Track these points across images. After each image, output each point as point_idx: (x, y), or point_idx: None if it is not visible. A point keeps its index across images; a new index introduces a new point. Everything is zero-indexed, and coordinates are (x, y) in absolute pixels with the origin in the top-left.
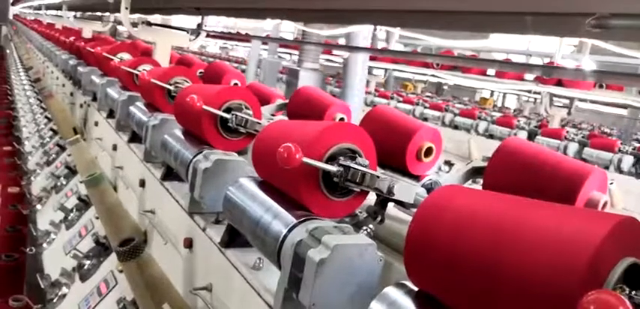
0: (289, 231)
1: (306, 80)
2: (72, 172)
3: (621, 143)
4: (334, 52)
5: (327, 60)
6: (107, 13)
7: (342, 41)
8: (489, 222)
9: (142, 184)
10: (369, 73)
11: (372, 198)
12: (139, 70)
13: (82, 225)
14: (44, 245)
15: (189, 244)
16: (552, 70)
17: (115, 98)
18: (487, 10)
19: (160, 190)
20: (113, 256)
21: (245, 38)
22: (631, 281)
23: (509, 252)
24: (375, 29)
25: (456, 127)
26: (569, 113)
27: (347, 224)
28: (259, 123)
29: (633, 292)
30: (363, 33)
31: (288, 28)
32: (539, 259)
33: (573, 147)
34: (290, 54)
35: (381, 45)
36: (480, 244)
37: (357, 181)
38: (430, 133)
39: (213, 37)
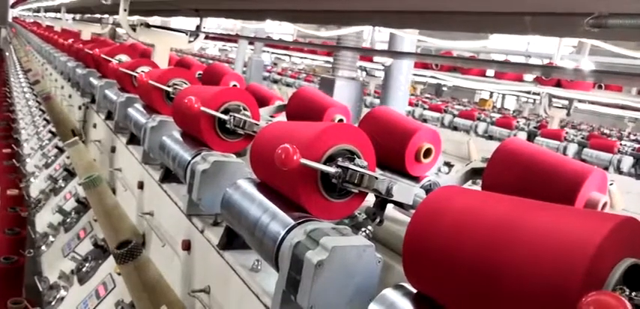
0: (287, 232)
1: (343, 91)
2: (71, 174)
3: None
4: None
5: (326, 62)
6: (106, 16)
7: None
8: (488, 223)
9: (141, 186)
10: (369, 74)
11: (371, 199)
12: (137, 72)
13: (81, 227)
14: (43, 248)
15: (187, 246)
16: (551, 70)
17: (114, 100)
18: (486, 10)
19: (158, 192)
20: (112, 259)
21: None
22: (631, 282)
23: (508, 253)
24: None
25: (455, 129)
26: (568, 114)
27: (345, 226)
28: (257, 124)
29: (633, 294)
30: (409, 37)
31: (288, 30)
32: (538, 259)
33: (573, 148)
34: (289, 56)
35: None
36: (478, 245)
37: (356, 182)
38: (429, 134)
39: (212, 38)
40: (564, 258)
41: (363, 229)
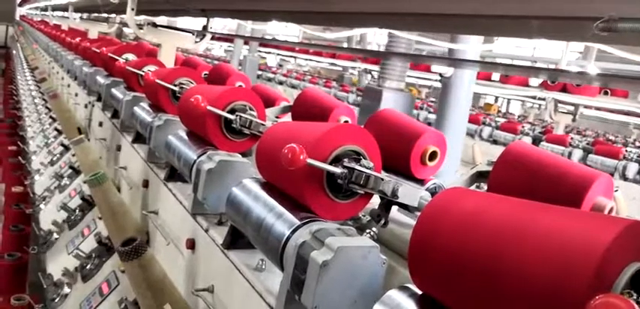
0: (292, 232)
1: (392, 103)
2: (76, 172)
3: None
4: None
5: (331, 64)
6: (113, 15)
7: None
8: (494, 224)
9: (146, 184)
10: (374, 77)
11: (375, 201)
12: (144, 71)
13: (85, 225)
14: (47, 245)
15: (191, 244)
16: (558, 73)
17: (120, 98)
18: (493, 13)
19: (163, 190)
20: (115, 257)
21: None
22: (638, 287)
23: (515, 255)
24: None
25: None
26: (573, 120)
27: (350, 227)
28: (263, 124)
29: None
30: (471, 44)
31: (293, 31)
32: (545, 262)
33: (578, 153)
34: (294, 57)
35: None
36: (484, 246)
37: (361, 183)
38: (435, 137)
39: (218, 39)
40: (572, 260)
41: (367, 231)
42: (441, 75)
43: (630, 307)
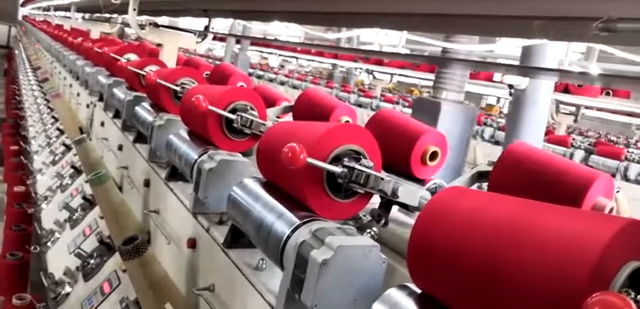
0: (292, 231)
1: (450, 118)
2: (77, 171)
3: None
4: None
5: (333, 65)
6: (115, 15)
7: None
8: (493, 223)
9: (147, 183)
10: (375, 77)
11: (376, 201)
12: (145, 71)
13: (87, 224)
14: (49, 244)
15: (192, 244)
16: (560, 73)
17: (121, 98)
18: (494, 14)
19: (164, 190)
20: (117, 256)
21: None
22: (636, 285)
23: (513, 253)
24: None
25: None
26: (575, 120)
27: (350, 226)
28: (264, 124)
29: (639, 296)
30: (550, 50)
31: (295, 32)
32: (543, 260)
33: (579, 154)
34: (296, 58)
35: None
36: (483, 245)
37: (361, 182)
38: (435, 138)
39: (220, 39)
40: (570, 258)
41: (368, 231)
42: (510, 86)
43: (627, 305)
